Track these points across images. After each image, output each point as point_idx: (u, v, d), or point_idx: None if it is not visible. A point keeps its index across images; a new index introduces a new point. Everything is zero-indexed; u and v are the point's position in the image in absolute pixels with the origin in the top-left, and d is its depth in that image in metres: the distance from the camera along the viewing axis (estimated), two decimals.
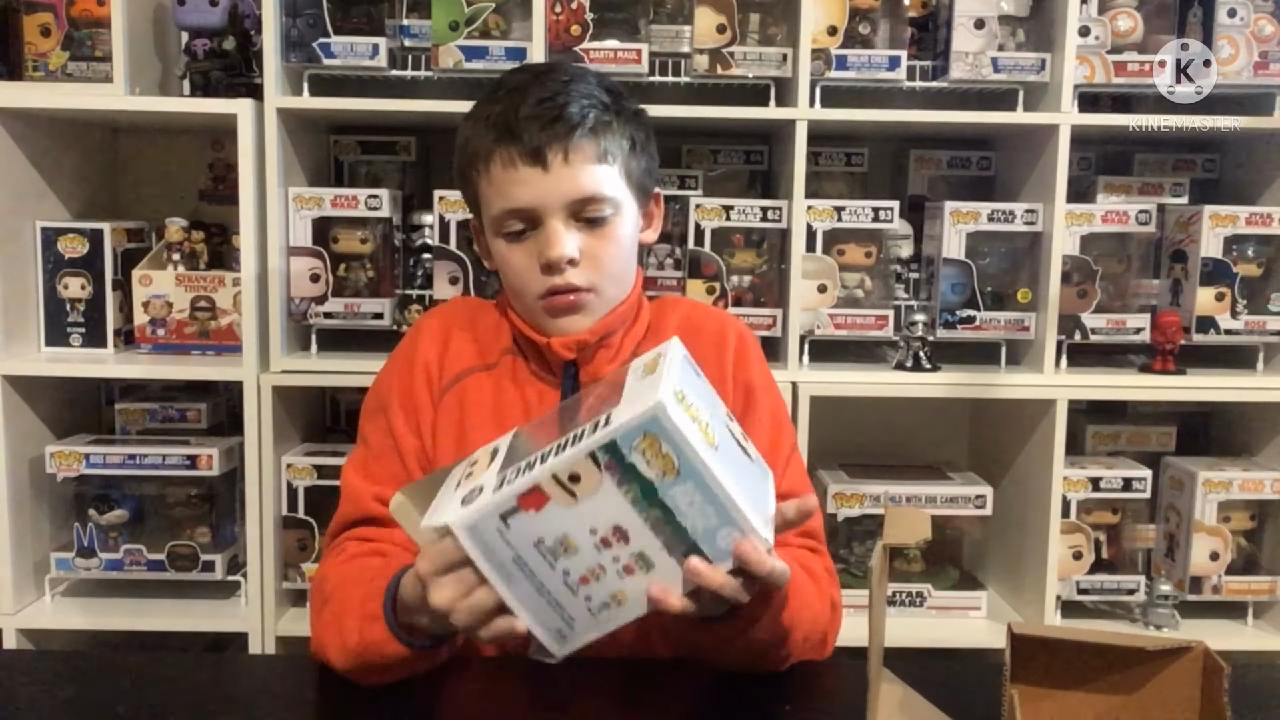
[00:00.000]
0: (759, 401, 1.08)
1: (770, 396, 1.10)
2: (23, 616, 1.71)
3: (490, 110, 1.03)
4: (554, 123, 0.99)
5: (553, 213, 1.01)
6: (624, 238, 1.05)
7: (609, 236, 1.04)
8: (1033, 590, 1.75)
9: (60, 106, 1.69)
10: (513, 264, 1.05)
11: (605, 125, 1.02)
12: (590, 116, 1.01)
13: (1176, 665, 0.72)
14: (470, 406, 1.08)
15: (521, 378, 1.10)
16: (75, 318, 1.77)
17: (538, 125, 0.99)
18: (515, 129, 0.99)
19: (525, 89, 1.02)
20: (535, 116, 0.99)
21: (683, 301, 1.19)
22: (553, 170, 1.00)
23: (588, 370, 1.08)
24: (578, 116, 1.00)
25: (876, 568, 0.76)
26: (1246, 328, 1.75)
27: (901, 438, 1.99)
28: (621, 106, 1.06)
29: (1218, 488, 1.74)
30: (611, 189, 1.03)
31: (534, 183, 1.00)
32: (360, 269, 1.76)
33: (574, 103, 1.00)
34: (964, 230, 1.73)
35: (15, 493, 1.69)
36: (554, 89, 1.01)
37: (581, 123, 1.00)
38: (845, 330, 1.74)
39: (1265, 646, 1.74)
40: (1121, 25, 1.73)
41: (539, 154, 0.99)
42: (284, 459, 1.71)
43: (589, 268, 1.03)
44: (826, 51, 1.69)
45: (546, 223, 1.01)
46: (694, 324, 1.12)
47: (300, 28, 1.67)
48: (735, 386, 1.08)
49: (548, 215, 1.01)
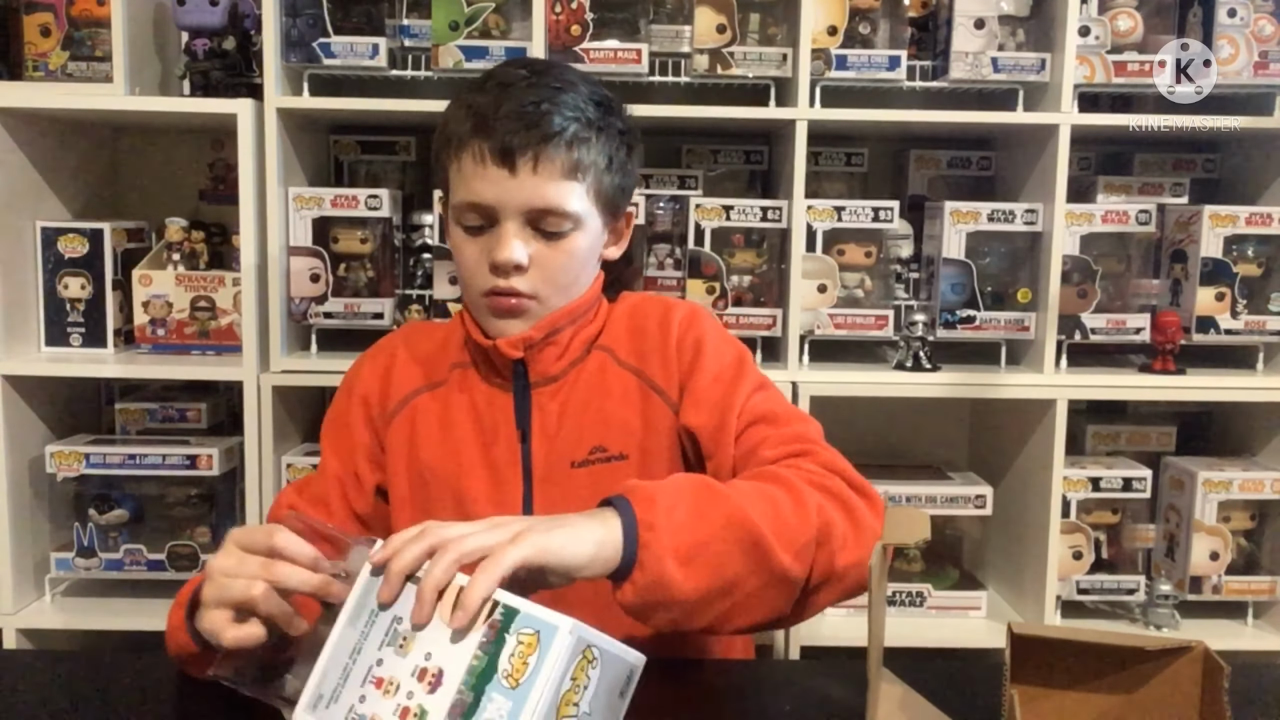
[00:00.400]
0: (705, 352, 1.07)
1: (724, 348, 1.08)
2: (23, 616, 1.71)
3: (475, 100, 1.02)
4: (531, 128, 0.98)
5: (510, 216, 1.01)
6: (579, 251, 1.04)
7: (563, 249, 1.03)
8: (1033, 590, 1.75)
9: (60, 106, 1.69)
10: (464, 256, 1.05)
11: (583, 141, 1.01)
12: (570, 130, 1.00)
13: (1176, 665, 0.72)
14: (419, 427, 1.11)
15: (470, 389, 1.11)
16: (75, 318, 1.77)
17: (515, 127, 0.98)
18: (492, 126, 0.99)
19: (513, 87, 1.01)
20: (515, 117, 0.98)
21: (634, 294, 1.18)
22: (519, 175, 0.99)
23: (536, 369, 1.08)
24: (556, 127, 0.99)
25: (876, 568, 0.76)
26: (1246, 328, 1.75)
27: (901, 438, 1.99)
28: (608, 122, 1.04)
29: (1218, 488, 1.74)
30: (576, 205, 1.02)
31: (499, 183, 0.99)
32: (360, 269, 1.76)
33: (557, 112, 0.99)
34: (964, 230, 1.73)
35: (15, 493, 1.69)
36: (542, 94, 1.00)
37: (559, 134, 0.99)
38: (845, 330, 1.74)
39: (1265, 646, 1.74)
40: (1121, 25, 1.73)
41: (509, 156, 0.98)
42: (284, 459, 1.71)
43: (537, 276, 1.03)
44: (826, 51, 1.69)
45: (502, 224, 1.01)
46: (641, 311, 1.12)
47: (300, 28, 1.67)
48: (681, 349, 1.07)
49: (505, 217, 1.01)
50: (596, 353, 1.10)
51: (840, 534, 0.89)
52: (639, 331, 1.10)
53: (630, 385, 1.08)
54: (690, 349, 1.08)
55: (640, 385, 1.08)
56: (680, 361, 1.07)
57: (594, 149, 1.02)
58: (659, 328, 1.10)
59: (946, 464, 1.90)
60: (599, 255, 1.10)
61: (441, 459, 1.09)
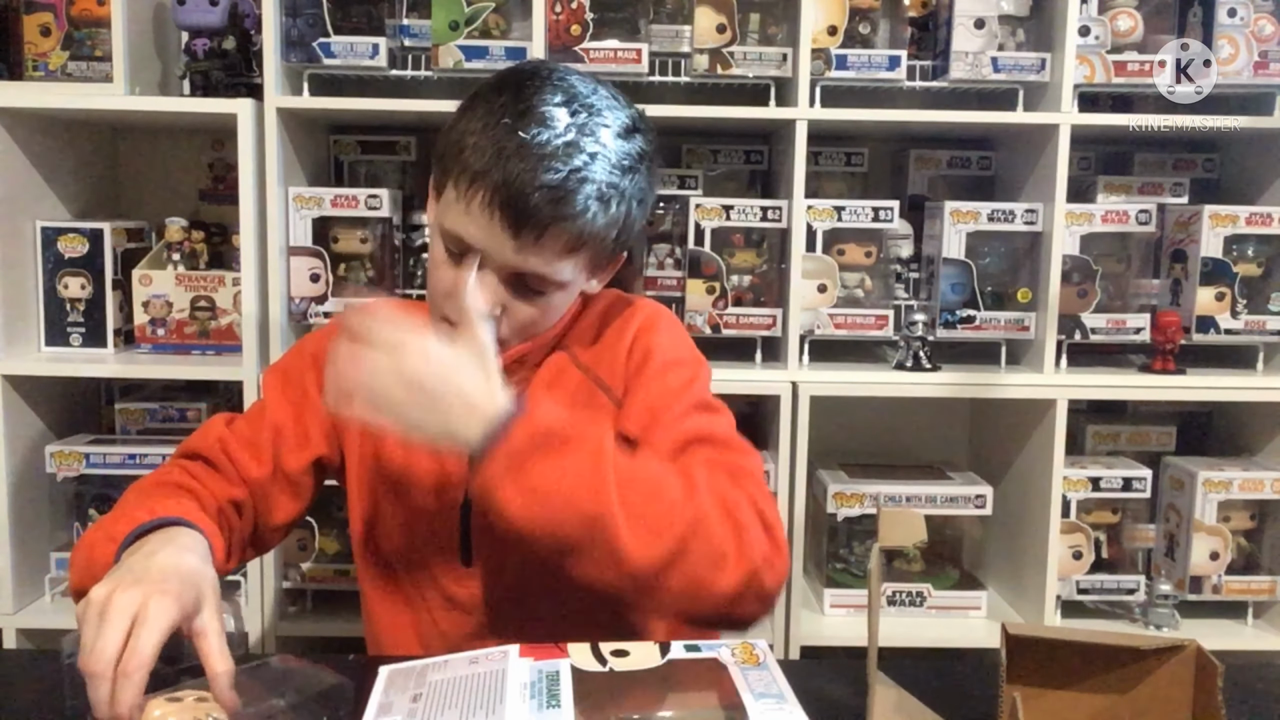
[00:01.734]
0: (653, 363, 1.03)
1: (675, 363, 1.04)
2: (23, 616, 1.71)
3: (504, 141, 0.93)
4: (552, 205, 0.92)
5: (495, 268, 0.96)
6: (555, 308, 1.02)
7: (539, 306, 1.00)
8: (1033, 590, 1.75)
9: (60, 106, 1.69)
10: (435, 273, 1.00)
11: (595, 217, 0.95)
12: (589, 211, 0.94)
13: (1170, 664, 0.72)
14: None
15: None
16: (75, 317, 1.77)
17: (534, 201, 0.92)
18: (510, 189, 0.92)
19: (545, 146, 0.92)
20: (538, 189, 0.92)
21: (608, 294, 1.13)
22: (520, 240, 0.94)
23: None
24: (576, 209, 0.93)
25: (873, 570, 0.76)
26: (1246, 327, 1.75)
27: (901, 438, 1.99)
28: (628, 188, 0.97)
29: (1218, 487, 1.74)
30: (566, 275, 0.98)
31: (495, 238, 0.94)
32: (360, 269, 1.76)
33: (580, 191, 0.93)
34: (964, 230, 1.73)
35: (15, 493, 1.69)
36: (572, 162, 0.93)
37: (575, 217, 0.93)
38: (845, 330, 1.74)
39: (1265, 646, 1.74)
40: (1121, 25, 1.73)
41: (517, 227, 0.93)
42: None
43: (504, 322, 0.99)
44: (826, 51, 1.69)
45: (483, 270, 0.96)
46: (605, 315, 1.10)
47: (300, 27, 1.67)
48: (631, 355, 1.05)
49: (489, 266, 0.96)
50: (557, 354, 1.08)
51: (718, 550, 0.86)
52: (600, 334, 1.09)
53: (578, 383, 1.06)
54: (640, 355, 1.05)
55: (586, 382, 1.06)
56: (629, 365, 1.05)
57: (604, 225, 0.96)
58: (617, 331, 1.08)
59: (946, 464, 1.90)
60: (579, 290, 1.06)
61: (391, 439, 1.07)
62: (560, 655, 0.78)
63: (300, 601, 1.79)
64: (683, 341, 1.10)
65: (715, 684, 0.75)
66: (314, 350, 1.12)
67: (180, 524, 0.90)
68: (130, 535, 0.89)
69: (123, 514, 0.94)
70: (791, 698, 0.72)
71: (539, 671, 0.75)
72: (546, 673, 0.75)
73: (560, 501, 0.82)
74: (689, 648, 0.80)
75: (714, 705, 0.73)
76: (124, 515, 0.93)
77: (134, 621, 0.76)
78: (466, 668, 0.78)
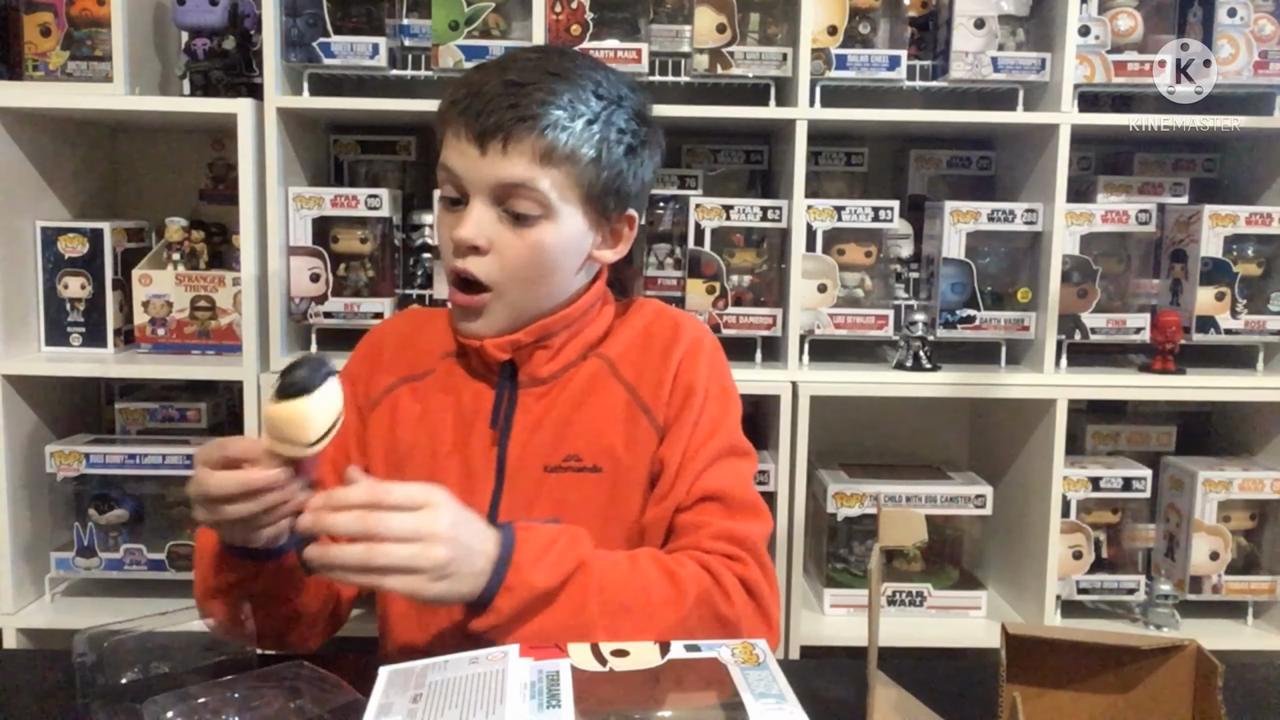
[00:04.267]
0: (694, 403, 1.05)
1: (713, 400, 1.06)
2: (23, 616, 1.71)
3: (471, 75, 1.01)
4: (507, 109, 0.96)
5: (477, 192, 0.99)
6: (547, 246, 1.01)
7: (528, 239, 1.00)
8: (1033, 590, 1.75)
9: (60, 106, 1.69)
10: (440, 233, 1.05)
11: (563, 129, 0.97)
12: (549, 115, 0.97)
13: (1170, 664, 0.72)
14: (400, 419, 1.10)
15: (456, 381, 1.09)
16: (75, 317, 1.77)
17: (492, 106, 0.97)
18: (473, 104, 0.98)
19: (511, 66, 1.00)
20: (495, 96, 0.97)
21: (652, 305, 1.15)
22: (489, 155, 0.97)
23: (526, 371, 1.06)
24: (533, 111, 0.96)
25: (873, 570, 0.76)
26: (1246, 327, 1.75)
27: (901, 438, 1.99)
28: (605, 116, 1.01)
29: (1218, 487, 1.74)
30: (546, 190, 0.99)
31: (469, 158, 0.99)
32: (360, 269, 1.76)
33: (540, 96, 0.97)
34: (964, 230, 1.73)
35: (15, 493, 1.69)
36: (532, 76, 0.98)
37: (534, 118, 0.96)
38: (845, 330, 1.74)
39: (1265, 646, 1.74)
40: (1121, 25, 1.73)
41: (482, 136, 0.97)
42: None
43: (495, 264, 1.00)
44: (826, 51, 1.69)
45: (471, 201, 1.00)
46: (649, 331, 1.10)
47: (300, 27, 1.67)
48: (675, 387, 1.06)
49: (473, 193, 1.00)
50: (594, 359, 1.08)
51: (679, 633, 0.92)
52: (644, 351, 1.08)
53: (620, 400, 1.06)
54: (684, 389, 1.06)
55: (629, 402, 1.06)
56: (673, 397, 1.06)
57: (577, 138, 0.98)
58: (662, 353, 1.07)
59: (946, 464, 1.90)
60: (585, 255, 1.06)
61: (417, 447, 1.08)
62: (560, 655, 0.78)
63: None
64: (723, 373, 1.11)
65: (715, 684, 0.75)
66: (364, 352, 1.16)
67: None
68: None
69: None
70: (791, 698, 0.72)
71: (539, 671, 0.75)
72: (546, 673, 0.75)
73: (552, 639, 0.86)
74: (689, 648, 0.80)
75: (714, 705, 0.73)
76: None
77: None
78: (467, 668, 0.78)
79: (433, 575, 0.83)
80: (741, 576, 0.98)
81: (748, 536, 1.01)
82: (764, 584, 0.99)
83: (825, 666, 1.00)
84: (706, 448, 1.04)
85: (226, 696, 0.83)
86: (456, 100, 1.00)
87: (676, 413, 1.05)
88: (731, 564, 0.98)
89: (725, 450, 1.05)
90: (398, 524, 0.82)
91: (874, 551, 0.80)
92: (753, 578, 0.98)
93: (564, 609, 0.90)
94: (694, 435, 1.04)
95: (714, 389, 1.07)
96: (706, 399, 1.06)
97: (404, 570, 0.82)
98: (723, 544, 0.99)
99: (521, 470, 1.05)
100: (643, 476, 1.05)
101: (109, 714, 0.82)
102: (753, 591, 0.98)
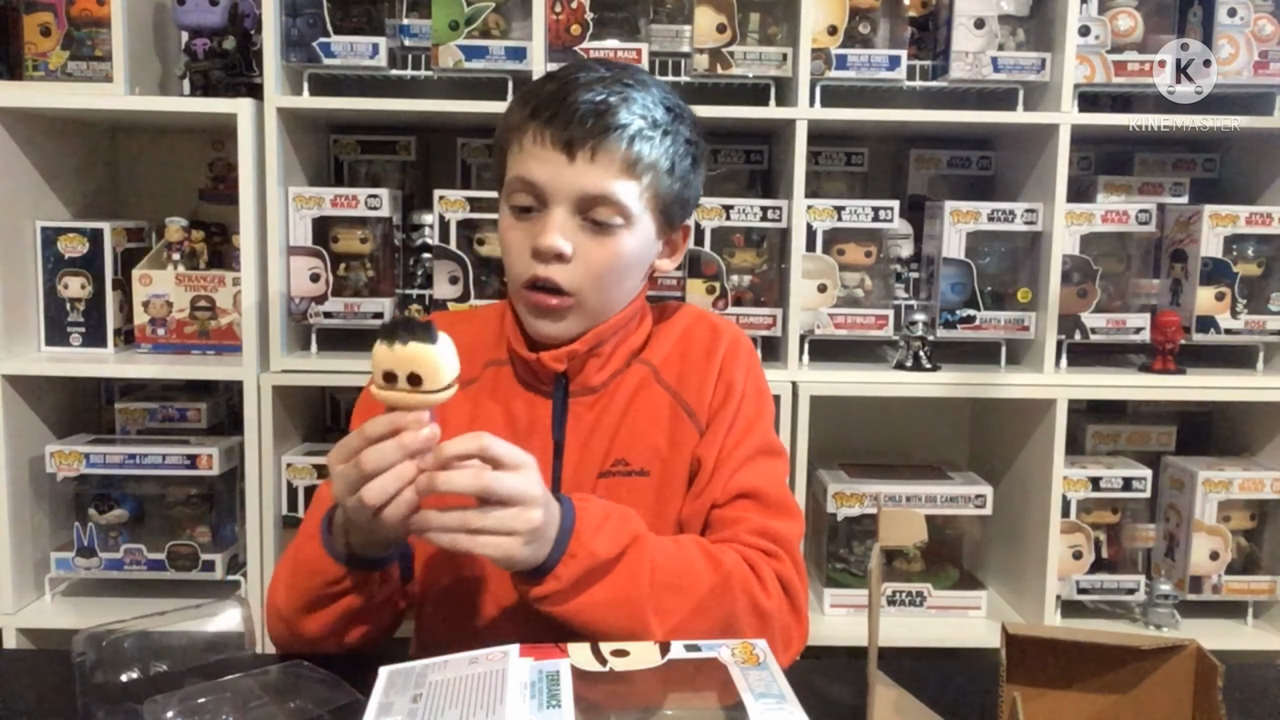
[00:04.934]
0: (732, 402, 1.07)
1: (749, 400, 1.09)
2: (23, 616, 1.71)
3: (544, 86, 1.02)
4: (597, 118, 0.98)
5: (560, 201, 1.00)
6: (626, 254, 1.03)
7: (609, 246, 1.01)
8: (1033, 590, 1.75)
9: (60, 106, 1.69)
10: (509, 240, 1.04)
11: (646, 139, 1.00)
12: (633, 126, 0.99)
13: (1170, 664, 0.72)
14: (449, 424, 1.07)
15: (504, 390, 1.09)
16: (75, 317, 1.77)
17: (579, 116, 0.98)
18: (558, 111, 0.99)
19: (585, 79, 1.01)
20: (581, 106, 0.98)
21: (689, 310, 1.17)
22: (577, 163, 0.99)
23: (578, 380, 1.07)
24: (620, 121, 0.99)
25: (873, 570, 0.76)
26: (1246, 327, 1.75)
27: (901, 438, 1.99)
28: (675, 127, 1.04)
29: (1218, 487, 1.74)
30: (628, 200, 1.01)
31: (554, 166, 0.99)
32: (360, 268, 1.76)
33: (624, 108, 0.99)
34: (964, 230, 1.73)
35: (15, 493, 1.69)
36: (611, 89, 1.00)
37: (622, 128, 0.99)
38: (845, 330, 1.74)
39: (1265, 646, 1.74)
40: (1121, 25, 1.73)
41: (570, 144, 0.98)
42: (284, 459, 1.71)
43: (578, 270, 1.01)
44: (826, 51, 1.69)
45: (551, 210, 1.00)
46: (689, 336, 1.12)
47: (300, 27, 1.67)
48: (719, 382, 1.08)
49: (554, 202, 1.00)
50: (638, 366, 1.09)
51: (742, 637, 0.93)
52: (685, 355, 1.10)
53: (664, 404, 1.08)
54: (724, 389, 1.08)
55: (673, 405, 1.08)
56: (714, 398, 1.08)
57: (656, 149, 1.01)
58: (704, 356, 1.10)
59: (946, 464, 1.90)
60: (649, 265, 1.09)
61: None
62: (560, 655, 0.78)
63: None
64: (759, 375, 1.13)
65: (715, 684, 0.75)
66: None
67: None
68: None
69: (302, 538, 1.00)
70: (791, 698, 0.72)
71: (539, 671, 0.75)
72: (546, 673, 0.75)
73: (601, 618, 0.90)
74: (689, 648, 0.80)
75: (714, 705, 0.73)
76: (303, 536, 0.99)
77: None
78: (466, 668, 0.78)
79: (526, 539, 0.84)
80: (778, 573, 1.00)
81: (785, 535, 1.03)
82: (798, 582, 1.02)
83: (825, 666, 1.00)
84: (743, 446, 1.06)
85: (226, 696, 0.83)
86: (537, 110, 1.00)
87: (718, 409, 1.07)
88: (769, 560, 1.00)
89: (761, 449, 1.07)
90: (507, 484, 0.83)
91: (874, 551, 0.80)
92: (788, 575, 1.01)
93: (619, 580, 0.90)
94: (730, 433, 1.06)
95: (750, 389, 1.10)
96: (744, 399, 1.08)
97: (501, 532, 0.83)
98: (761, 540, 1.01)
99: (577, 478, 1.06)
100: (685, 477, 1.07)
101: (109, 714, 0.82)
102: (788, 588, 1.00)
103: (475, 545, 0.83)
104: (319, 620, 0.95)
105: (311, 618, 0.95)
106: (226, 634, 0.92)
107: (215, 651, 0.90)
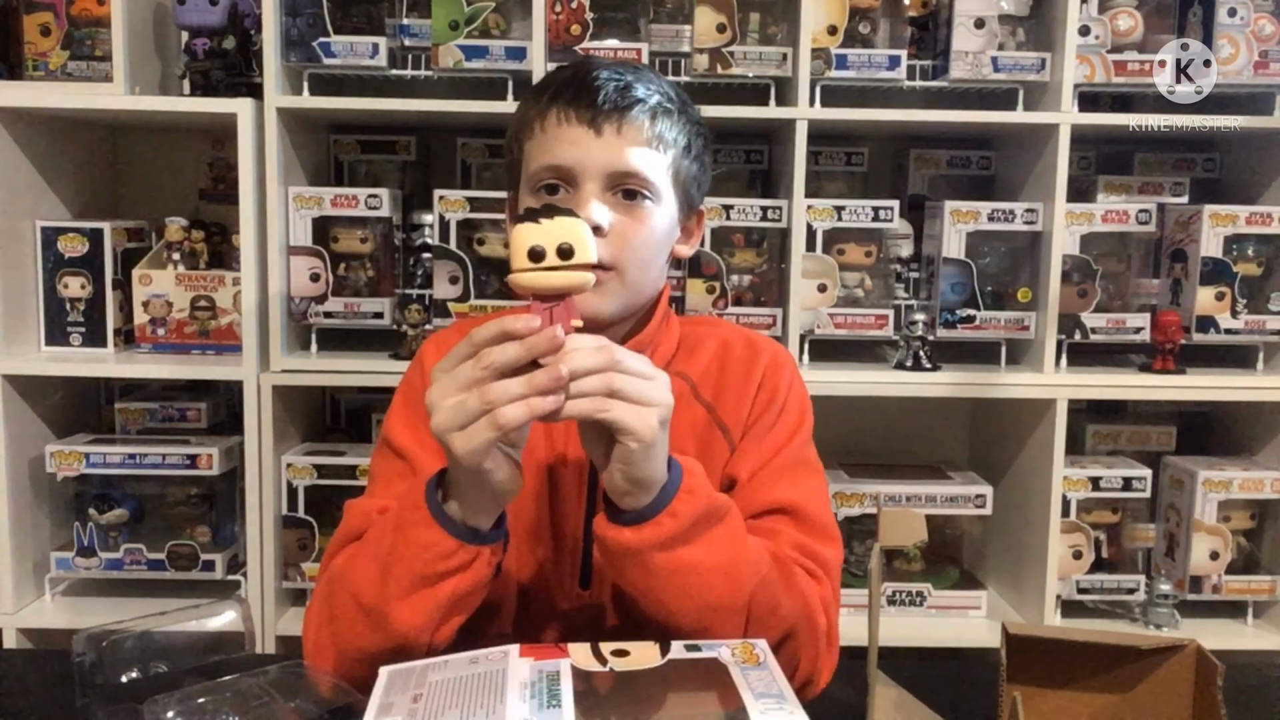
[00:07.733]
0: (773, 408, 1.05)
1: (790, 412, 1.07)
2: (23, 616, 1.71)
3: (559, 75, 1.02)
4: (619, 93, 0.98)
5: (591, 178, 0.98)
6: (657, 228, 1.02)
7: (643, 219, 1.00)
8: (1033, 590, 1.75)
9: (60, 106, 1.69)
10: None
11: (667, 114, 1.01)
12: (654, 100, 1.00)
13: (1170, 664, 0.72)
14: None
15: None
16: (75, 317, 1.77)
17: (603, 92, 0.98)
18: (581, 90, 0.98)
19: (599, 63, 1.02)
20: (602, 83, 0.99)
21: (721, 325, 1.15)
22: (604, 137, 0.98)
23: None
24: (641, 96, 0.99)
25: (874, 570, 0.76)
26: (1246, 327, 1.75)
27: (901, 438, 1.99)
28: (686, 110, 1.05)
29: (1218, 487, 1.74)
30: (655, 174, 1.00)
31: (582, 144, 0.98)
32: (360, 268, 1.76)
33: (641, 85, 1.00)
34: (964, 230, 1.73)
35: (15, 492, 1.69)
36: (626, 72, 1.01)
37: (644, 101, 0.99)
38: (845, 330, 1.74)
39: (1265, 646, 1.74)
40: (1121, 25, 1.73)
41: (595, 119, 0.98)
42: (284, 458, 1.71)
43: (616, 244, 0.98)
44: (826, 51, 1.69)
45: (582, 188, 0.98)
46: (727, 352, 1.09)
47: (300, 27, 1.67)
48: (759, 394, 1.06)
49: (585, 180, 0.98)
50: (676, 381, 1.05)
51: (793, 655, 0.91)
52: (723, 371, 1.08)
53: (699, 420, 1.06)
54: (763, 402, 1.06)
55: (708, 420, 1.06)
56: (754, 408, 1.06)
57: (675, 127, 1.02)
58: (744, 370, 1.08)
59: (946, 464, 1.90)
60: (671, 249, 1.07)
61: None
62: (560, 655, 0.78)
63: (300, 601, 1.79)
64: (802, 389, 1.10)
65: (715, 684, 0.75)
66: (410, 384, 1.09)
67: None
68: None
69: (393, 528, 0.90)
70: (792, 698, 0.72)
71: (539, 671, 0.75)
72: (547, 673, 0.75)
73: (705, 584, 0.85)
74: (689, 648, 0.80)
75: (714, 705, 0.73)
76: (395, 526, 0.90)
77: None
78: (466, 668, 0.78)
79: (661, 413, 0.81)
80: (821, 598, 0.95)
81: (826, 559, 0.99)
82: (835, 610, 0.98)
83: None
84: (782, 455, 1.03)
85: (226, 696, 0.83)
86: (558, 93, 0.99)
87: (754, 421, 1.05)
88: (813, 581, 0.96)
89: (801, 461, 1.05)
90: (634, 371, 0.82)
91: (874, 551, 0.80)
92: (828, 600, 0.96)
93: (728, 533, 0.87)
94: (769, 441, 1.04)
95: (794, 403, 1.08)
96: (784, 410, 1.06)
97: (639, 402, 0.80)
98: (802, 557, 0.97)
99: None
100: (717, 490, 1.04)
101: (109, 713, 0.82)
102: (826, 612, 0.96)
103: (615, 409, 0.79)
104: (419, 606, 0.87)
105: (410, 604, 0.87)
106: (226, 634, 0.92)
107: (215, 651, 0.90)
